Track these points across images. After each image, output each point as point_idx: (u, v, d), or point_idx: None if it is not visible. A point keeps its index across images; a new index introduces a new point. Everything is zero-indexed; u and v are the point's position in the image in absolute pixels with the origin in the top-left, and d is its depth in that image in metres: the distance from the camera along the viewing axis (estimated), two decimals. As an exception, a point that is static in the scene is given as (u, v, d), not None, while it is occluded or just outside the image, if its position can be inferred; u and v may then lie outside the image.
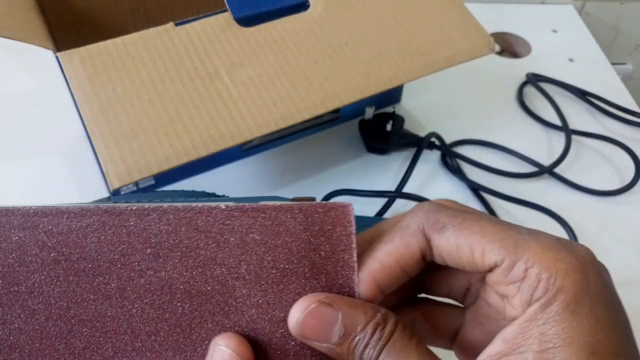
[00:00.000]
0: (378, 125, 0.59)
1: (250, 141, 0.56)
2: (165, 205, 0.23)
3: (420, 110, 0.65)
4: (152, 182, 0.53)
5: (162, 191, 0.44)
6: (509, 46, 0.78)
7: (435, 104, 0.66)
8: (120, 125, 0.41)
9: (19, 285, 0.23)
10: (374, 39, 0.49)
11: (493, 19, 0.79)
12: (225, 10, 0.46)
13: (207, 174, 0.56)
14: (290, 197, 0.27)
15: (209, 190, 0.46)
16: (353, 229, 0.22)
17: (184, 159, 0.41)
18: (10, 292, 0.23)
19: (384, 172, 0.58)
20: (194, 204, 0.23)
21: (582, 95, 0.67)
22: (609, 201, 0.55)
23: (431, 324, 0.27)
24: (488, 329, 0.24)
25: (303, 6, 0.48)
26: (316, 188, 0.55)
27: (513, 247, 0.21)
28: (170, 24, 0.45)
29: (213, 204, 0.23)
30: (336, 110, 0.60)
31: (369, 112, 0.59)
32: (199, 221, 0.23)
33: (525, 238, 0.21)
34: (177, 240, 0.23)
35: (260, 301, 0.22)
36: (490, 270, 0.22)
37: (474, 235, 0.21)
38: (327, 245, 0.21)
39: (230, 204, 0.23)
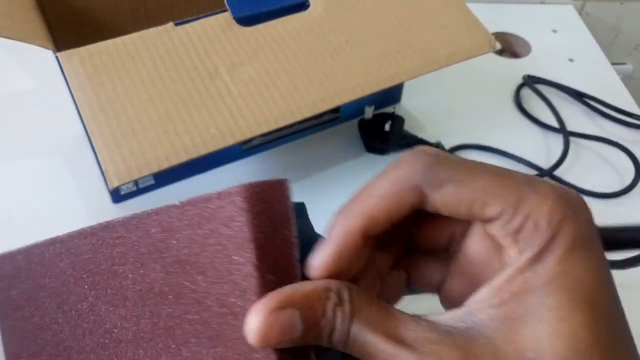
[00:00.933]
0: (377, 125, 0.59)
1: (250, 140, 0.56)
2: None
3: (421, 110, 0.65)
4: (152, 181, 0.53)
5: None
6: (509, 46, 0.78)
7: (436, 104, 0.66)
8: (120, 125, 0.41)
9: (65, 304, 0.25)
10: (374, 37, 0.49)
11: (493, 19, 0.79)
12: (225, 10, 0.46)
13: (207, 174, 0.56)
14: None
15: (208, 190, 0.46)
16: (289, 202, 0.21)
17: (183, 157, 0.41)
18: (61, 311, 0.25)
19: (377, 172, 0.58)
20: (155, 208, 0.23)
21: (579, 97, 0.67)
22: (609, 203, 0.55)
23: (417, 277, 0.26)
24: (473, 279, 0.24)
25: (303, 6, 0.48)
26: (316, 188, 0.55)
27: (514, 200, 0.21)
28: (170, 24, 0.45)
29: (173, 203, 0.23)
30: (336, 110, 0.60)
31: (369, 112, 0.59)
32: (163, 223, 0.23)
33: (525, 189, 0.21)
34: (150, 244, 0.23)
35: (222, 292, 0.21)
36: (489, 221, 0.21)
37: (475, 191, 0.21)
38: (269, 224, 0.21)
39: (184, 200, 0.23)
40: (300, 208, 0.25)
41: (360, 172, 0.57)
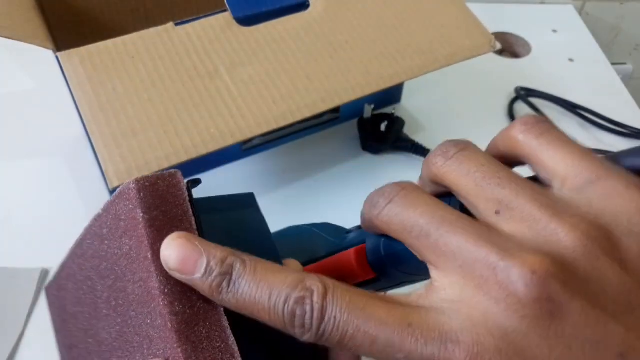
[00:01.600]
0: (376, 125, 0.59)
1: (250, 140, 0.56)
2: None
3: (421, 110, 0.65)
4: (152, 181, 0.53)
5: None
6: (509, 46, 0.78)
7: (436, 104, 0.66)
8: (120, 124, 0.41)
9: (80, 305, 0.27)
10: (374, 37, 0.49)
11: (493, 19, 0.79)
12: (225, 10, 0.46)
13: (207, 174, 0.56)
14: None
15: (208, 190, 0.46)
16: (185, 195, 0.21)
17: (183, 157, 0.41)
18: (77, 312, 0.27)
19: (379, 172, 0.58)
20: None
21: (573, 108, 0.66)
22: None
23: None
24: None
25: (303, 6, 0.48)
26: (316, 188, 0.55)
27: None
28: (170, 24, 0.45)
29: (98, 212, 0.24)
30: (336, 110, 0.60)
31: (368, 111, 0.59)
32: (99, 234, 0.24)
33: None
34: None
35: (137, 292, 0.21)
36: None
37: None
38: (165, 219, 0.20)
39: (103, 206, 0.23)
40: (249, 198, 0.25)
41: (359, 172, 0.57)
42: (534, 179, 0.19)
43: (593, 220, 0.16)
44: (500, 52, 0.77)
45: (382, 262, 0.24)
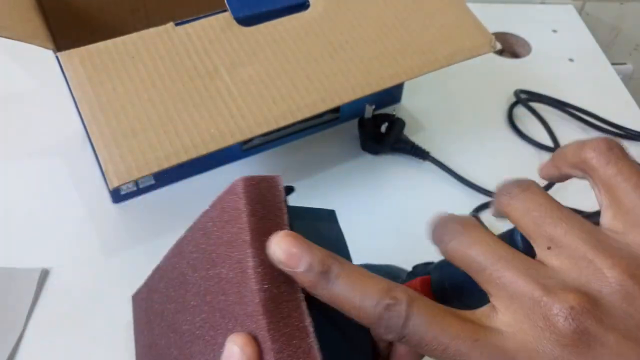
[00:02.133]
0: (377, 125, 0.59)
1: (250, 140, 0.56)
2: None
3: (421, 110, 0.65)
4: (152, 181, 0.53)
5: None
6: (509, 46, 0.78)
7: (436, 104, 0.66)
8: (120, 124, 0.41)
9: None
10: (375, 37, 0.49)
11: (493, 19, 0.79)
12: (225, 10, 0.46)
13: (208, 174, 0.56)
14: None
15: (208, 190, 0.46)
16: (282, 196, 0.24)
17: (183, 157, 0.41)
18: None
19: (378, 173, 0.58)
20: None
21: (573, 111, 0.65)
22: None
23: None
24: None
25: (303, 6, 0.48)
26: (316, 188, 0.55)
27: None
28: (170, 24, 0.45)
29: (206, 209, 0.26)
30: (336, 110, 0.60)
31: (369, 111, 0.59)
32: (202, 229, 0.27)
33: None
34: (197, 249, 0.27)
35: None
36: None
37: None
38: (264, 212, 0.23)
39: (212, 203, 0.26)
40: (332, 214, 0.28)
41: (359, 173, 0.57)
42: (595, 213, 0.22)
43: (635, 259, 0.18)
44: (500, 52, 0.77)
45: (444, 293, 0.27)
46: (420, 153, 0.58)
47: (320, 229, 0.27)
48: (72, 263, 0.48)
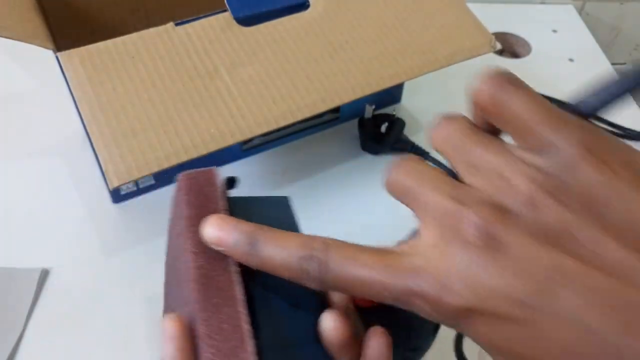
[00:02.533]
0: (377, 125, 0.59)
1: (250, 140, 0.56)
2: None
3: (421, 111, 0.65)
4: (152, 181, 0.53)
5: None
6: (509, 46, 0.78)
7: (436, 104, 0.66)
8: (120, 124, 0.41)
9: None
10: (375, 37, 0.49)
11: (493, 19, 0.79)
12: (225, 10, 0.46)
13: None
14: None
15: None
16: (217, 185, 0.26)
17: (183, 157, 0.41)
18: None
19: (378, 173, 0.58)
20: None
21: (573, 112, 0.65)
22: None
23: None
24: None
25: (303, 6, 0.48)
26: (316, 188, 0.55)
27: None
28: (170, 24, 0.45)
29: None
30: (336, 110, 0.60)
31: (369, 111, 0.59)
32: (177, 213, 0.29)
33: None
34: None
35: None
36: None
37: None
38: (201, 201, 0.26)
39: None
40: (284, 200, 0.30)
41: (359, 173, 0.57)
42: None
43: (545, 175, 0.19)
44: (500, 52, 0.77)
45: None
46: (420, 153, 0.58)
47: (270, 215, 0.28)
48: (72, 263, 0.48)
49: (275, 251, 0.22)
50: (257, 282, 0.25)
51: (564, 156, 0.19)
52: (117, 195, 0.52)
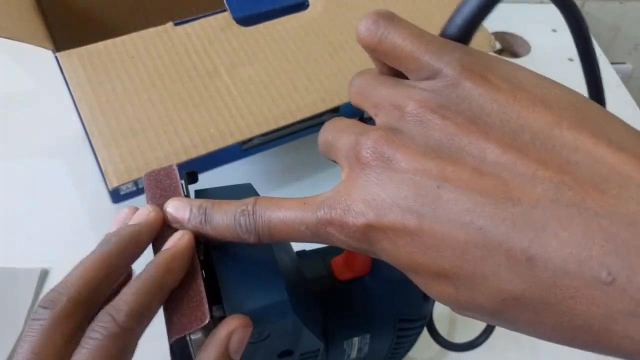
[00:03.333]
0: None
1: (250, 140, 0.56)
2: None
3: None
4: (152, 181, 0.53)
5: None
6: (508, 46, 0.78)
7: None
8: (120, 124, 0.41)
9: None
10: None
11: (493, 19, 0.79)
12: (225, 10, 0.46)
13: (207, 174, 0.56)
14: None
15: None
16: (177, 179, 0.28)
17: (183, 157, 0.41)
18: None
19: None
20: None
21: None
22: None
23: None
24: None
25: (302, 6, 0.48)
26: (316, 187, 0.55)
27: None
28: (170, 24, 0.45)
29: None
30: (336, 110, 0.60)
31: (369, 112, 0.59)
32: None
33: None
34: None
35: None
36: None
37: None
38: (161, 193, 0.28)
39: None
40: (248, 187, 0.31)
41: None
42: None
43: (433, 97, 0.20)
44: (500, 52, 0.77)
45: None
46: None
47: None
48: (72, 263, 0.48)
49: (220, 217, 0.24)
50: (225, 260, 0.27)
51: (447, 77, 0.20)
52: (117, 195, 0.52)
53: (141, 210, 0.27)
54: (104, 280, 0.24)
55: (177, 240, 0.25)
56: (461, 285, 0.19)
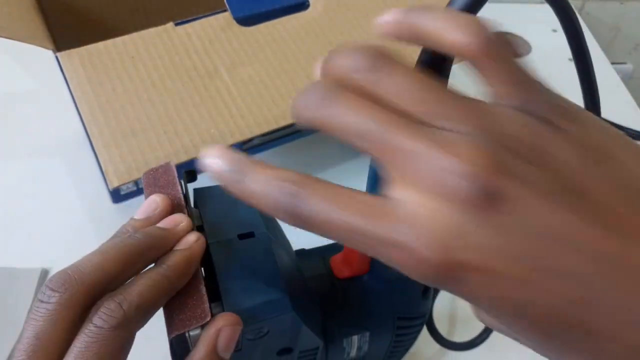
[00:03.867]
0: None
1: (250, 140, 0.56)
2: None
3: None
4: (152, 181, 0.53)
5: None
6: (508, 46, 0.78)
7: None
8: (120, 124, 0.41)
9: None
10: (375, 37, 0.49)
11: (493, 19, 0.79)
12: (225, 10, 0.46)
13: (207, 174, 0.56)
14: None
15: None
16: (174, 175, 0.29)
17: (183, 157, 0.41)
18: None
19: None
20: None
21: None
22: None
23: None
24: None
25: (303, 5, 0.48)
26: (316, 187, 0.55)
27: None
28: (170, 24, 0.45)
29: None
30: (336, 110, 0.60)
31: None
32: None
33: None
34: None
35: None
36: None
37: None
38: (159, 190, 0.29)
39: None
40: None
41: (358, 173, 0.57)
42: None
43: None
44: (500, 52, 0.77)
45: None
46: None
47: (235, 200, 0.30)
48: (72, 263, 0.48)
49: (258, 185, 0.20)
50: (225, 261, 0.27)
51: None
52: (117, 195, 0.52)
53: (176, 217, 0.26)
54: (120, 274, 0.23)
55: (193, 243, 0.24)
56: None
